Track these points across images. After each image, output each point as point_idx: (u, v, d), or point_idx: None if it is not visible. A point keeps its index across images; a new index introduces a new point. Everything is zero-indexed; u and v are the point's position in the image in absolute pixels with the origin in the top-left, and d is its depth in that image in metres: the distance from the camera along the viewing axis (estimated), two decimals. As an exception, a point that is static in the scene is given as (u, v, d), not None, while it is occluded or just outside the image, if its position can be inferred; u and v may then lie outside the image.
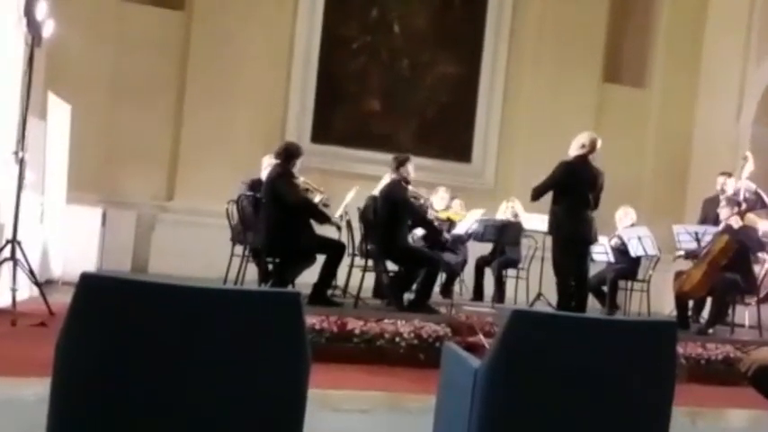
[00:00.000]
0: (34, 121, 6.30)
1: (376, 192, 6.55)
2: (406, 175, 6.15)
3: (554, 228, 5.99)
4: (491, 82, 10.30)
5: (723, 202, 6.81)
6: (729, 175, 7.64)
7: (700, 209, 8.13)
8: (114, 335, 1.83)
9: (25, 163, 5.51)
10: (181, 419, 1.88)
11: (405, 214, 6.16)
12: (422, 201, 7.02)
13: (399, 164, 6.15)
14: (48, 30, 5.65)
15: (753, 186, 7.29)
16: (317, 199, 6.35)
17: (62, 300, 5.15)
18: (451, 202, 7.48)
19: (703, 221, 7.44)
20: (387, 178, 6.51)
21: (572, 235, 5.86)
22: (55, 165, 7.29)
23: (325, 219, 6.01)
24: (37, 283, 5.72)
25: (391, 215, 6.06)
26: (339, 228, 6.27)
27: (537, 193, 5.95)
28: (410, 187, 6.28)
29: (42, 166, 6.85)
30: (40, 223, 6.85)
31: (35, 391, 3.28)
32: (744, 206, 6.78)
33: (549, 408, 2.23)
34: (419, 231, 7.00)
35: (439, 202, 7.31)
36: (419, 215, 6.37)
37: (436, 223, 7.11)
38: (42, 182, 6.87)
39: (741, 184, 7.28)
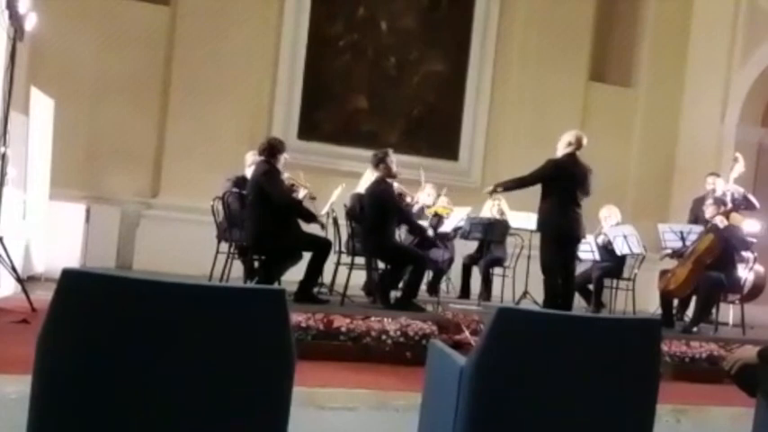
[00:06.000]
0: (16, 116, 6.23)
1: (360, 189, 6.53)
2: (389, 171, 6.08)
3: (542, 225, 6.00)
4: (478, 81, 10.30)
5: (709, 201, 6.86)
6: (718, 175, 7.72)
7: (686, 208, 8.18)
8: (96, 331, 1.80)
9: (7, 158, 5.46)
10: (164, 417, 1.85)
11: (391, 212, 6.14)
12: (408, 199, 7.01)
13: (379, 161, 6.07)
14: (30, 23, 5.60)
15: (741, 190, 7.35)
16: (301, 194, 6.30)
17: (45, 296, 5.08)
18: (437, 199, 7.48)
19: (695, 221, 7.46)
20: (368, 174, 6.48)
21: (560, 231, 5.87)
22: (38, 160, 7.21)
23: (311, 218, 5.92)
24: (19, 280, 5.66)
25: (378, 214, 6.03)
26: (323, 226, 6.20)
27: (507, 184, 5.98)
28: (395, 183, 6.24)
29: (25, 162, 6.77)
30: (23, 219, 6.78)
31: (16, 389, 3.24)
32: (729, 206, 6.83)
33: (535, 405, 2.23)
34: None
35: (425, 199, 7.31)
36: (403, 214, 6.34)
37: (421, 221, 7.12)
38: (25, 177, 6.80)
39: (729, 186, 7.33)
